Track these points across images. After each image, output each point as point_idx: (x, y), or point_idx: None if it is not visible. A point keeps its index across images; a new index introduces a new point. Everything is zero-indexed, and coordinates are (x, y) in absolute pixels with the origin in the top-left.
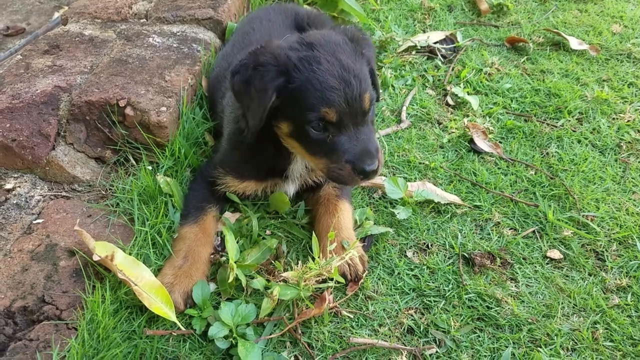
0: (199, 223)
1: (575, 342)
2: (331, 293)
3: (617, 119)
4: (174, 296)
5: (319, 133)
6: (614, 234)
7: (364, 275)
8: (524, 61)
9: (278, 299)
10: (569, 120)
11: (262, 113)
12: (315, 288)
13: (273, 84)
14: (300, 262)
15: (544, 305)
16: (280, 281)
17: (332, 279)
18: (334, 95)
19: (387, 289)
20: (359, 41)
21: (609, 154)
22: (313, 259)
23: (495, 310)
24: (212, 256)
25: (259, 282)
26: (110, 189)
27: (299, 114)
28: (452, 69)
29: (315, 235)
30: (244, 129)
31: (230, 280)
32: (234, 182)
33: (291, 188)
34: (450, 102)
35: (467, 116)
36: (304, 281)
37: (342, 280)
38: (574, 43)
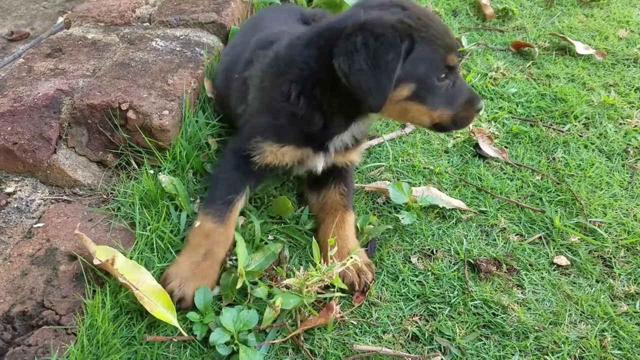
0: (225, 223)
1: (583, 350)
2: (338, 303)
3: (624, 124)
4: (185, 290)
5: (443, 82)
6: (621, 240)
7: (372, 283)
8: (529, 66)
9: (281, 308)
10: (576, 125)
11: (393, 81)
12: (318, 295)
13: (401, 49)
14: (302, 268)
15: (550, 312)
16: (282, 287)
17: (334, 286)
18: (451, 40)
19: (391, 295)
20: None
21: (616, 159)
22: (315, 265)
23: (502, 318)
24: None
25: (261, 291)
26: (111, 193)
27: (425, 69)
28: None
29: (315, 242)
30: (289, 93)
31: (239, 287)
32: (273, 148)
33: (320, 163)
34: None
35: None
36: (306, 288)
37: (344, 286)
38: (580, 48)
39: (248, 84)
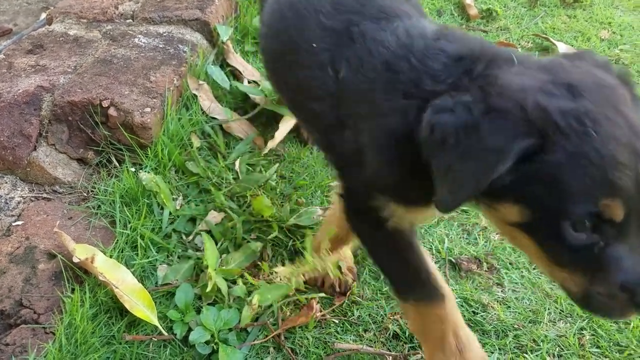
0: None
1: (562, 348)
2: (318, 302)
3: None
4: None
5: (584, 236)
6: None
7: (353, 285)
8: None
9: (259, 305)
10: None
11: (483, 183)
12: (300, 295)
13: (517, 145)
14: (287, 262)
15: (530, 310)
16: (266, 279)
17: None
18: (623, 179)
19: (373, 293)
20: (630, 82)
21: None
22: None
23: (481, 316)
24: None
25: (240, 289)
26: (91, 191)
27: (552, 200)
28: None
29: (309, 233)
30: (410, 134)
31: (209, 290)
32: (398, 210)
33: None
34: None
35: None
36: (297, 276)
37: (339, 274)
38: (563, 48)
39: (340, 77)
